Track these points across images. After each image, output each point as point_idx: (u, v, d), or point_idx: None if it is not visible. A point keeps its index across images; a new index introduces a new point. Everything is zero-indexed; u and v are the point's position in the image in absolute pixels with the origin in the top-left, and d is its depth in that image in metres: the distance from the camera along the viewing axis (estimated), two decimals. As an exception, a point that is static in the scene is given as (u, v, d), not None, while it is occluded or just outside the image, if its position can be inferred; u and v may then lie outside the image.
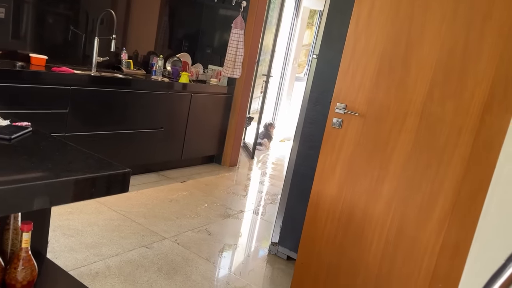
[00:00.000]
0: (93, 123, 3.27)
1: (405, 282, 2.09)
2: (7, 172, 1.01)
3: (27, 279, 1.17)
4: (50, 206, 1.07)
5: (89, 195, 1.12)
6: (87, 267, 2.29)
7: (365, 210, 2.14)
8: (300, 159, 2.68)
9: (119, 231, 2.77)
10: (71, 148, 1.31)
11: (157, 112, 3.76)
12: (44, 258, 1.41)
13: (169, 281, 2.31)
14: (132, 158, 3.67)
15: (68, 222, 2.74)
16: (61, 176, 1.05)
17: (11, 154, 1.16)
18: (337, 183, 2.19)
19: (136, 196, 3.41)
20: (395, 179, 2.06)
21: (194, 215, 3.26)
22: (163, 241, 2.75)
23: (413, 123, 2.01)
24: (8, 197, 0.94)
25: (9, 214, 1.22)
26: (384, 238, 2.11)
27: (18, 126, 1.37)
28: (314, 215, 2.26)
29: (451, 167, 1.93)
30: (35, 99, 2.87)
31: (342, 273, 2.21)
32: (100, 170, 1.16)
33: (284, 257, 2.83)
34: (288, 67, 6.94)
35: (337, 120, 2.17)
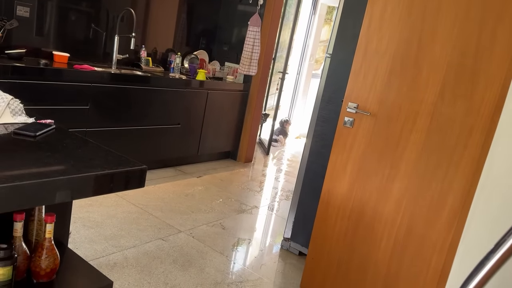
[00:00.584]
0: (113, 119, 3.38)
1: (414, 281, 2.13)
2: (33, 167, 1.09)
3: (50, 267, 1.26)
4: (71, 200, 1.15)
5: (108, 189, 1.20)
6: (105, 257, 2.39)
7: (375, 208, 2.17)
8: (312, 157, 2.73)
9: (136, 224, 2.86)
10: (92, 145, 1.39)
11: (175, 109, 3.85)
12: (66, 248, 1.50)
13: (183, 272, 2.39)
14: (149, 153, 3.77)
15: (88, 215, 2.86)
16: (83, 172, 1.13)
17: (36, 150, 1.24)
18: (348, 181, 2.23)
19: (153, 190, 3.51)
20: (405, 178, 2.09)
21: (209, 210, 3.34)
22: (178, 234, 2.84)
23: (424, 123, 2.03)
24: (34, 191, 1.02)
25: (35, 206, 1.31)
26: (394, 236, 2.14)
27: (42, 123, 1.46)
28: (325, 213, 2.30)
29: (461, 167, 1.95)
30: (58, 96, 2.98)
31: (352, 269, 2.26)
32: (118, 166, 1.23)
33: (296, 252, 2.89)
34: (304, 63, 6.95)
35: (348, 119, 2.20)
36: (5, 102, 1.48)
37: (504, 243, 0.59)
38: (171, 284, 2.26)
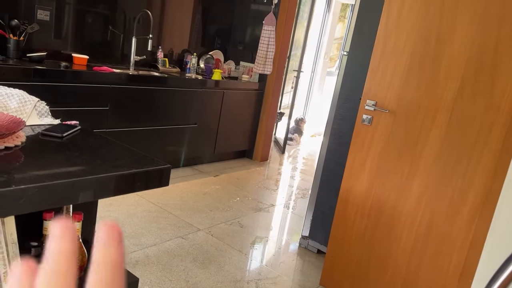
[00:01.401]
0: (131, 119, 3.43)
1: (434, 278, 2.12)
2: (62, 167, 1.13)
3: (79, 264, 1.30)
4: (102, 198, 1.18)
5: (135, 188, 1.23)
6: (128, 256, 2.43)
7: (395, 206, 2.17)
8: (330, 154, 2.73)
9: (157, 222, 2.91)
10: (116, 145, 1.42)
11: (191, 109, 3.89)
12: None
13: (203, 270, 2.43)
14: (167, 153, 3.82)
15: (109, 214, 2.91)
16: (110, 171, 1.16)
17: (64, 151, 1.28)
18: (366, 179, 2.23)
19: (172, 189, 3.55)
20: (425, 175, 2.08)
21: (227, 208, 3.37)
22: (197, 233, 2.87)
23: (443, 120, 2.02)
24: (63, 190, 1.06)
25: (64, 205, 1.35)
26: (414, 233, 2.14)
27: (68, 124, 1.50)
28: (344, 211, 2.31)
29: (482, 163, 1.94)
30: (78, 97, 3.04)
31: (371, 267, 2.26)
32: (144, 165, 1.26)
33: (314, 250, 2.89)
34: (319, 61, 6.94)
35: (367, 117, 2.20)
36: (31, 104, 1.52)
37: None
38: (192, 281, 2.30)
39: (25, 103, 1.53)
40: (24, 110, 1.50)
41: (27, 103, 1.54)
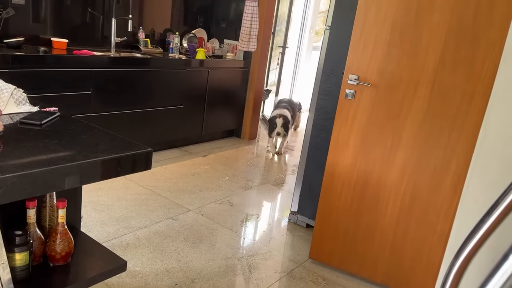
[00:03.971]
0: (115, 103, 3.40)
1: (420, 245, 2.17)
2: (41, 155, 1.12)
3: (65, 250, 1.31)
4: (81, 185, 1.18)
5: (116, 173, 1.23)
6: (118, 239, 2.45)
7: (379, 178, 2.20)
8: (316, 130, 2.74)
9: (146, 205, 2.92)
10: (97, 131, 1.41)
11: (176, 90, 3.85)
12: (79, 231, 1.55)
13: (195, 249, 2.46)
14: (154, 135, 3.80)
15: (98, 198, 2.91)
16: (90, 158, 1.15)
17: (43, 138, 1.27)
18: (351, 153, 2.25)
19: (160, 172, 3.55)
20: (408, 146, 2.11)
21: (216, 188, 3.39)
22: (188, 213, 2.90)
23: (425, 91, 2.03)
24: (43, 178, 1.05)
25: (46, 193, 1.34)
26: (399, 204, 2.18)
27: (47, 111, 1.48)
28: (330, 185, 2.34)
29: (463, 134, 1.96)
30: (59, 83, 2.99)
31: (359, 238, 2.30)
32: (124, 150, 1.26)
33: (303, 225, 2.94)
34: (304, 36, 6.87)
35: (349, 92, 2.21)
36: (8, 92, 1.50)
37: (499, 206, 0.61)
38: (184, 261, 2.33)
39: (1, 92, 1.50)
40: (1, 99, 1.48)
41: (4, 91, 1.51)
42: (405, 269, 2.23)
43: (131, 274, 2.15)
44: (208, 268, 2.30)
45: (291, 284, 2.27)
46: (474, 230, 0.63)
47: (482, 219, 0.62)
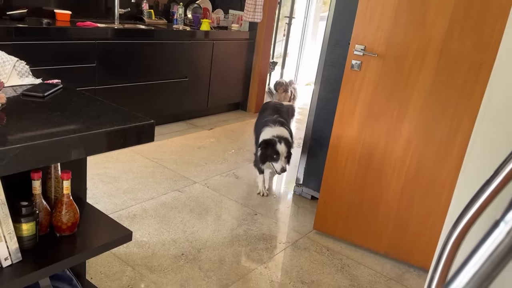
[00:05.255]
0: (120, 76, 3.38)
1: (424, 218, 2.18)
2: (44, 127, 1.12)
3: (71, 221, 1.33)
4: (83, 157, 1.19)
5: (118, 145, 1.23)
6: (125, 210, 2.49)
7: (385, 150, 2.19)
8: (321, 102, 2.72)
9: (153, 177, 2.95)
10: (100, 103, 1.41)
11: (181, 62, 3.82)
12: (85, 202, 1.57)
13: (200, 220, 2.49)
14: (160, 108, 3.80)
15: (105, 170, 2.94)
16: (93, 129, 1.16)
17: (46, 110, 1.27)
18: (356, 126, 2.24)
19: (166, 144, 3.57)
20: (414, 118, 2.09)
21: (222, 161, 3.41)
22: (194, 185, 2.92)
23: (432, 61, 1.99)
24: (46, 149, 1.06)
25: (49, 165, 1.36)
26: (404, 176, 2.17)
27: (50, 83, 1.47)
28: (335, 157, 2.33)
29: (470, 105, 1.93)
30: (63, 55, 2.98)
31: (363, 210, 2.32)
32: (126, 122, 1.26)
33: (308, 197, 2.96)
34: (312, 6, 6.73)
35: (356, 62, 2.17)
36: (10, 65, 1.49)
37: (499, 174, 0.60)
38: (189, 231, 2.36)
39: (3, 64, 1.49)
40: (3, 71, 1.48)
41: (6, 63, 1.50)
42: (409, 240, 2.25)
43: (138, 244, 2.19)
44: (213, 238, 2.34)
45: (295, 254, 2.30)
46: (473, 199, 0.62)
47: (482, 188, 0.61)
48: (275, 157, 2.71)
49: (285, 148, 2.70)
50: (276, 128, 2.83)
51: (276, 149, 2.70)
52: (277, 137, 2.74)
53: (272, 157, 2.72)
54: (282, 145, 2.71)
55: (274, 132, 2.78)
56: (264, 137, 2.77)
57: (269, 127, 2.84)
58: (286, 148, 2.72)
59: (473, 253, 0.40)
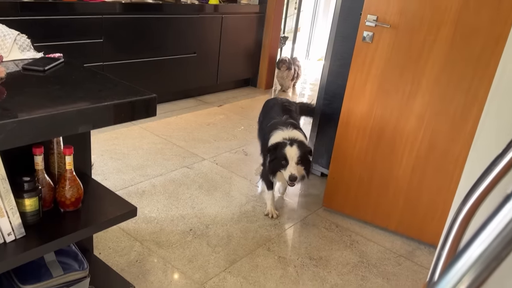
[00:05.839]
0: (128, 51, 3.34)
1: (435, 194, 2.13)
2: (43, 101, 1.10)
3: (75, 196, 1.32)
4: (83, 131, 1.16)
5: (119, 119, 1.20)
6: (134, 186, 2.49)
7: (396, 126, 2.13)
8: (331, 77, 2.65)
9: (162, 154, 2.94)
10: (101, 77, 1.38)
11: (189, 37, 3.75)
12: (89, 178, 1.56)
13: (209, 197, 2.48)
14: (169, 85, 3.76)
15: (115, 147, 2.94)
16: (93, 103, 1.13)
17: (46, 84, 1.25)
18: (367, 100, 2.17)
19: (176, 121, 3.55)
20: (427, 92, 2.02)
21: (231, 137, 3.38)
22: (202, 162, 2.91)
23: (447, 33, 1.90)
24: (45, 123, 1.04)
25: (50, 139, 1.34)
26: (415, 152, 2.12)
27: (51, 57, 1.45)
28: (345, 133, 2.28)
29: (486, 78, 1.86)
30: (70, 31, 2.94)
31: (373, 187, 2.28)
32: (127, 96, 1.23)
33: (318, 173, 2.92)
34: (324, -21, 6.53)
35: (367, 34, 2.09)
36: (11, 38, 1.46)
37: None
38: (198, 207, 2.36)
39: (4, 38, 1.47)
40: (4, 45, 1.45)
41: (7, 37, 1.48)
42: (420, 217, 2.21)
43: (146, 219, 2.20)
44: (222, 214, 2.33)
45: (304, 230, 2.29)
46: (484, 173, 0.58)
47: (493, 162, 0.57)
48: (283, 162, 2.20)
49: (296, 152, 2.18)
50: (289, 131, 2.33)
51: (283, 152, 2.19)
52: (288, 140, 2.24)
53: (281, 163, 2.21)
54: (293, 147, 2.19)
55: (286, 135, 2.29)
56: (273, 141, 2.30)
57: (279, 130, 2.34)
58: (299, 151, 2.18)
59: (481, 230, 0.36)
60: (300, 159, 2.18)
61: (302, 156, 2.19)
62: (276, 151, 2.22)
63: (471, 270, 0.38)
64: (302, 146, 2.21)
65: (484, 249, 0.38)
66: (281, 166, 2.21)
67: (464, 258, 0.39)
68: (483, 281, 0.38)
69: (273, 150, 2.24)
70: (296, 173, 2.16)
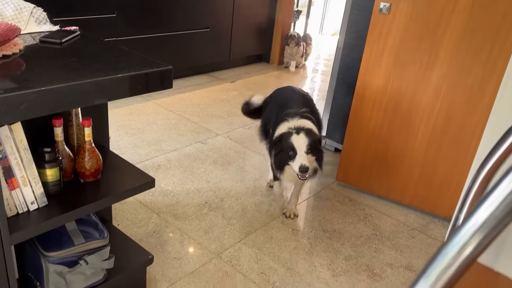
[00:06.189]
0: (141, 27, 3.33)
1: (451, 167, 2.12)
2: (62, 72, 1.11)
3: (94, 167, 1.35)
4: (100, 102, 1.18)
5: (135, 91, 1.21)
6: (150, 160, 2.53)
7: (412, 98, 2.11)
8: (346, 50, 2.61)
9: (176, 129, 2.96)
10: (117, 50, 1.38)
11: (202, 11, 3.72)
12: (108, 150, 1.59)
13: (223, 171, 2.51)
14: (182, 61, 3.76)
15: (130, 122, 2.97)
16: (109, 75, 1.14)
17: (63, 56, 1.26)
18: (383, 73, 2.15)
19: (189, 97, 3.56)
20: (445, 64, 1.98)
21: (245, 113, 3.38)
22: (216, 137, 2.93)
23: (466, 3, 1.85)
24: (64, 94, 1.05)
25: (69, 111, 1.36)
26: (432, 124, 2.10)
27: (67, 30, 1.45)
28: (360, 106, 2.27)
29: (506, 48, 1.81)
30: (83, 5, 2.94)
31: (388, 160, 2.27)
32: (143, 68, 1.23)
33: (332, 149, 2.92)
34: (339, -49, 6.36)
35: (384, 5, 2.05)
36: (28, 11, 1.47)
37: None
38: (213, 181, 2.39)
39: (20, 10, 1.48)
40: (21, 18, 1.46)
41: (23, 10, 1.49)
42: (434, 190, 2.20)
43: (163, 192, 2.24)
44: (236, 188, 2.36)
45: (318, 204, 2.31)
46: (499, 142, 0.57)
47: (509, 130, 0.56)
48: (291, 153, 1.91)
49: (305, 140, 1.89)
50: (295, 121, 2.02)
51: (290, 142, 1.90)
52: (294, 129, 1.96)
53: (288, 154, 1.92)
54: (300, 135, 1.91)
55: (292, 125, 1.99)
56: (278, 133, 2.02)
57: (285, 121, 2.04)
58: (308, 139, 1.89)
59: (488, 194, 0.36)
60: (310, 147, 1.89)
61: (312, 144, 1.90)
62: (282, 143, 1.95)
63: (477, 234, 0.39)
64: (310, 134, 1.94)
65: (491, 212, 0.39)
66: (288, 158, 1.92)
67: (472, 221, 0.39)
68: (488, 243, 0.39)
69: (278, 143, 1.97)
70: (307, 163, 1.86)
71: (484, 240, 0.39)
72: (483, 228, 0.39)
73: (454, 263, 0.38)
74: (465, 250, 0.38)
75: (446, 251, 0.38)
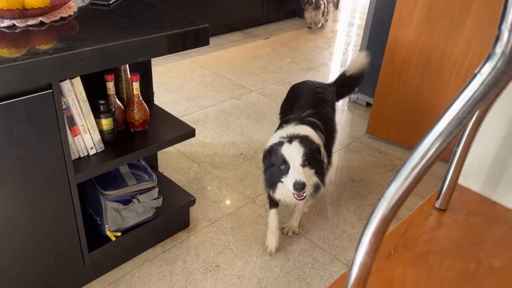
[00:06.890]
0: (176, -14, 3.41)
1: (480, 120, 2.15)
2: (113, 32, 1.25)
3: (142, 118, 1.51)
4: (147, 58, 1.31)
5: (177, 48, 1.34)
6: (189, 115, 2.69)
7: (443, 52, 2.12)
8: (379, 4, 2.61)
9: (212, 86, 3.10)
10: (159, 10, 1.50)
11: (235, -32, 3.74)
12: (152, 104, 1.75)
13: (257, 125, 2.64)
14: (216, 18, 3.83)
15: (169, 80, 3.13)
16: (154, 33, 1.27)
17: (112, 17, 1.39)
18: (415, 27, 2.16)
19: (223, 55, 3.66)
20: (476, 18, 1.98)
21: (278, 70, 3.46)
22: (250, 93, 3.04)
23: (502, -49, 1.82)
24: (116, 51, 1.19)
25: (118, 67, 1.51)
26: (462, 77, 2.13)
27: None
28: (391, 60, 2.30)
29: (541, -2, 1.79)
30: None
31: (418, 113, 2.32)
32: (184, 26, 1.35)
33: (363, 103, 2.98)
34: None
35: (417, -43, 2.04)
36: (77, -24, 1.60)
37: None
38: (247, 135, 2.53)
39: (70, -25, 1.61)
40: (71, -17, 1.59)
41: (73, -25, 1.61)
42: (463, 143, 2.25)
43: (201, 144, 2.41)
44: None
45: (347, 155, 2.41)
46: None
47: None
48: (283, 167, 1.50)
49: (298, 149, 1.49)
50: (291, 127, 1.65)
51: (280, 153, 1.51)
52: (287, 137, 1.56)
53: (279, 169, 1.51)
54: (293, 144, 1.51)
55: (285, 133, 1.60)
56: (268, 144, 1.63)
57: (279, 129, 1.72)
58: (303, 149, 1.49)
59: (454, 101, 0.47)
60: (306, 159, 1.49)
61: (309, 154, 1.50)
62: (271, 155, 1.55)
63: (440, 136, 0.50)
64: (306, 142, 1.54)
65: (453, 117, 0.50)
66: (280, 173, 1.51)
67: (436, 129, 0.50)
68: (448, 143, 0.50)
69: (268, 156, 1.57)
70: (303, 178, 1.45)
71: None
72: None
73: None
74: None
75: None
